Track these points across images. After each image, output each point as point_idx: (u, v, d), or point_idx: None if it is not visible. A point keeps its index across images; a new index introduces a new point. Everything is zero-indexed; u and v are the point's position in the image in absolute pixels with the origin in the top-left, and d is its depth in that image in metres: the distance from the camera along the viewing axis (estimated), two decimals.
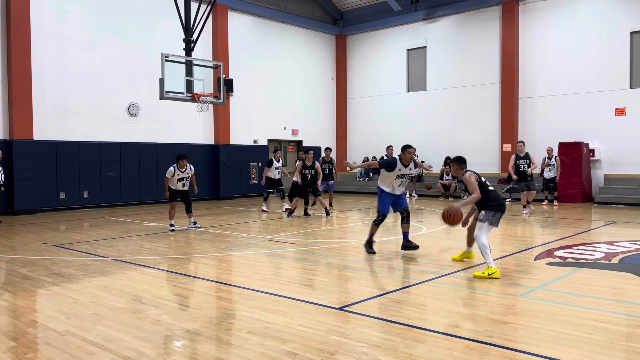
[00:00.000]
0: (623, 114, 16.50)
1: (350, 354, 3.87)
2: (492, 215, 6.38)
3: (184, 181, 10.64)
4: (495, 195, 6.48)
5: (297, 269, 7.02)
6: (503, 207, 6.46)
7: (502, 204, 6.47)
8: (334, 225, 11.82)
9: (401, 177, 7.83)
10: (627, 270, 6.72)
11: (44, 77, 14.64)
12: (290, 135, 21.80)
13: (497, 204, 6.40)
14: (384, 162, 7.87)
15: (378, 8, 22.03)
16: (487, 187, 6.49)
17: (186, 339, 4.31)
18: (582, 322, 4.55)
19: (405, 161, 7.78)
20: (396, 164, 7.73)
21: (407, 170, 7.84)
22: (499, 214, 6.41)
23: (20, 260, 7.70)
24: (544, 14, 18.03)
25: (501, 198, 6.56)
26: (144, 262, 7.57)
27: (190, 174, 10.71)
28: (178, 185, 10.59)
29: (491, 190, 6.51)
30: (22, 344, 4.22)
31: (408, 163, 7.80)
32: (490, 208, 6.39)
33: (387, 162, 7.82)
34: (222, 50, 18.55)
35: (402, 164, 7.77)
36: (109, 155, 15.90)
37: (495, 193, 6.52)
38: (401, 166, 7.76)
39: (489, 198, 6.42)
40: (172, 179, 10.50)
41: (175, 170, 10.47)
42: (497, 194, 6.55)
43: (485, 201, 6.42)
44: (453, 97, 20.11)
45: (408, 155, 7.77)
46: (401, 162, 7.77)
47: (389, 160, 7.83)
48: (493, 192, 6.52)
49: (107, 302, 5.38)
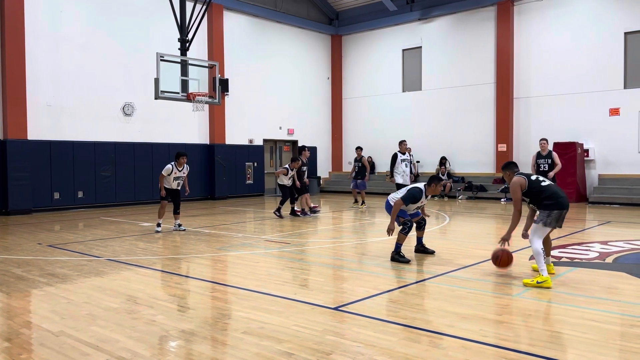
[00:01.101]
0: (617, 114, 16.58)
1: (345, 354, 3.87)
2: (546, 215, 5.85)
3: (180, 180, 10.56)
4: (550, 193, 5.87)
5: (293, 269, 7.02)
6: (560, 204, 5.82)
7: (560, 202, 5.83)
8: (329, 225, 11.82)
9: (420, 207, 7.63)
10: (621, 269, 6.75)
11: (38, 76, 14.57)
12: (286, 135, 21.79)
13: (552, 202, 5.83)
14: (408, 198, 7.29)
15: (373, 8, 22.05)
16: (538, 185, 5.95)
17: (181, 340, 4.30)
18: (576, 322, 4.56)
19: (430, 193, 7.37)
20: (420, 197, 7.32)
21: (427, 200, 7.58)
22: (556, 212, 5.83)
23: (14, 261, 7.66)
24: (539, 14, 18.10)
25: (559, 194, 5.88)
26: (139, 262, 7.55)
27: (186, 173, 10.66)
28: (173, 184, 10.50)
29: (545, 186, 5.94)
30: (16, 344, 4.20)
31: (434, 194, 7.45)
32: (545, 207, 5.87)
33: (412, 197, 7.29)
34: (218, 50, 18.52)
35: (425, 196, 7.38)
36: (103, 155, 15.84)
37: (551, 189, 5.91)
38: (424, 198, 7.40)
39: (542, 196, 5.88)
40: (169, 177, 10.37)
41: (173, 168, 10.36)
42: (554, 190, 5.91)
43: (538, 201, 5.91)
44: (448, 97, 20.15)
45: (439, 189, 7.35)
46: (425, 194, 7.37)
47: (414, 195, 7.29)
48: (548, 188, 5.93)
49: (102, 303, 5.37)
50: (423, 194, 7.32)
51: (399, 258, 7.24)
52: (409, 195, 7.27)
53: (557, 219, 5.88)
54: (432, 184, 7.27)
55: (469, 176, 19.35)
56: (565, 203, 5.90)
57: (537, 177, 6.09)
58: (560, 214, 5.87)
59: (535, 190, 5.94)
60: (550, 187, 5.96)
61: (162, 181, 10.41)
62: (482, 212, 14.32)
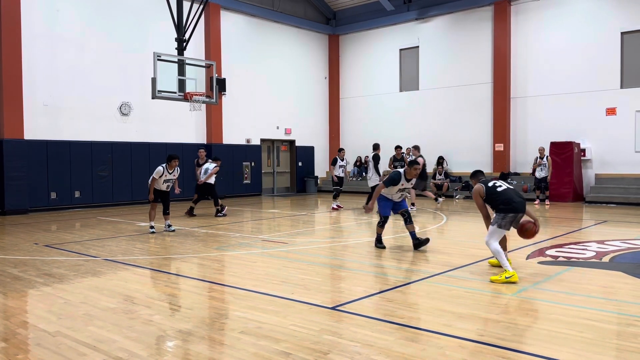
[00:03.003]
0: (614, 113, 16.62)
1: (343, 354, 3.87)
2: (501, 218, 6.16)
3: (170, 183, 10.41)
4: (505, 198, 6.19)
5: (290, 269, 7.02)
6: (515, 209, 6.12)
7: (514, 207, 6.12)
8: (327, 225, 11.82)
9: (402, 190, 8.03)
10: (617, 269, 6.77)
11: (34, 76, 14.53)
12: (284, 135, 21.78)
13: (506, 207, 6.14)
14: (388, 181, 7.90)
15: (371, 8, 22.05)
16: (495, 191, 6.30)
17: (178, 339, 4.30)
18: (573, 321, 4.57)
19: (409, 176, 7.91)
20: (399, 180, 7.84)
21: (409, 184, 8.02)
22: (511, 215, 6.14)
23: (10, 261, 7.64)
24: (535, 14, 18.13)
25: (514, 199, 6.16)
26: (136, 262, 7.54)
27: (176, 176, 10.55)
28: (163, 187, 10.34)
29: (500, 192, 6.26)
30: (12, 345, 4.19)
31: (412, 178, 7.92)
32: (500, 211, 6.20)
33: (391, 179, 7.86)
34: (215, 50, 18.50)
35: (405, 179, 7.90)
36: (100, 154, 15.80)
37: (505, 195, 6.22)
38: (404, 181, 7.90)
39: (498, 201, 6.23)
40: (159, 179, 10.25)
41: (164, 170, 10.22)
42: (509, 196, 6.21)
43: (495, 205, 6.27)
44: (445, 97, 20.17)
45: (414, 172, 7.88)
46: (405, 177, 7.89)
47: (393, 177, 7.86)
48: (503, 193, 6.25)
49: (99, 303, 5.36)
50: (402, 177, 7.86)
51: (377, 244, 8.24)
52: (389, 178, 7.90)
53: (511, 222, 6.19)
54: (411, 167, 7.92)
55: (466, 176, 19.34)
56: (520, 208, 6.18)
57: (494, 182, 6.45)
58: (514, 217, 6.18)
59: (492, 196, 6.31)
60: (505, 192, 6.28)
61: (153, 184, 10.26)
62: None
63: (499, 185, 6.38)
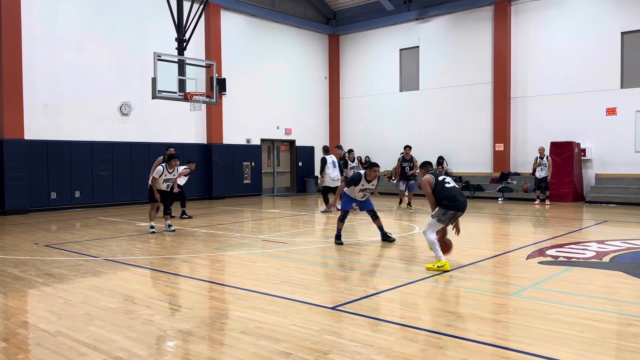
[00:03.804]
0: (614, 113, 16.62)
1: (343, 354, 3.87)
2: (442, 214, 6.59)
3: (169, 182, 10.43)
4: (450, 195, 6.58)
5: (290, 269, 7.02)
6: (456, 207, 6.54)
7: (456, 205, 6.53)
8: (327, 225, 11.82)
9: (363, 190, 8.59)
10: (618, 269, 6.77)
11: (35, 76, 14.54)
12: (284, 135, 21.78)
13: (449, 204, 6.55)
14: (349, 181, 8.61)
15: (371, 8, 22.05)
16: (442, 187, 6.69)
17: (179, 339, 4.30)
18: (573, 321, 4.57)
19: (369, 177, 8.49)
20: (360, 180, 8.44)
21: (370, 185, 8.57)
22: (451, 212, 6.56)
23: (11, 261, 7.64)
24: (536, 14, 18.13)
25: (457, 198, 6.58)
26: (136, 262, 7.54)
27: (176, 175, 10.56)
28: (162, 186, 10.36)
29: (448, 188, 6.66)
30: (13, 344, 4.19)
31: (372, 179, 8.50)
32: (443, 206, 6.59)
33: (352, 180, 8.54)
34: (215, 50, 18.50)
35: (366, 180, 8.49)
36: (100, 154, 15.81)
37: (451, 192, 6.61)
38: (364, 182, 8.48)
39: (442, 196, 6.62)
40: (159, 179, 10.26)
41: (164, 170, 10.24)
42: (454, 193, 6.60)
43: (439, 199, 6.66)
44: (445, 97, 20.17)
45: (373, 173, 8.46)
46: (365, 178, 8.48)
47: (354, 178, 8.53)
48: (449, 190, 6.64)
49: (99, 303, 5.36)
50: (362, 178, 8.44)
51: (336, 241, 8.59)
52: (350, 179, 8.59)
53: (450, 218, 6.65)
54: (371, 169, 8.48)
55: (467, 176, 19.37)
56: (462, 206, 6.60)
57: (443, 178, 6.83)
58: (454, 214, 6.64)
59: (439, 191, 6.69)
60: (451, 189, 6.68)
61: (155, 184, 10.27)
62: (480, 211, 14.34)
63: (448, 182, 6.76)
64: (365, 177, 8.47)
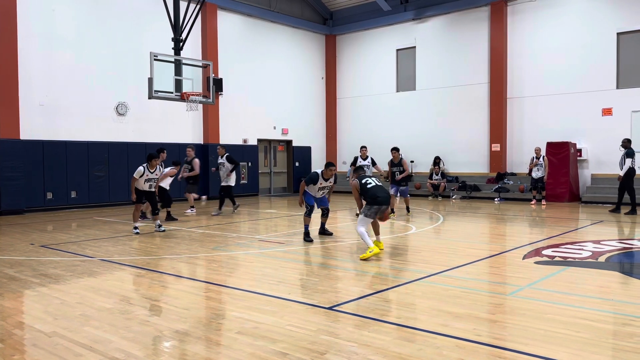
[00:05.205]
0: (610, 114, 16.68)
1: (340, 354, 3.87)
2: (368, 209, 7.66)
3: (152, 182, 10.28)
4: (371, 193, 7.67)
5: (287, 269, 7.01)
6: (378, 202, 7.58)
7: (377, 201, 7.57)
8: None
9: (322, 188, 9.20)
10: (613, 268, 6.79)
11: (31, 75, 14.48)
12: (280, 135, 21.77)
13: (371, 200, 7.63)
14: (308, 180, 9.11)
15: (368, 8, 22.07)
16: (365, 187, 7.82)
17: (175, 340, 4.29)
18: (569, 320, 4.58)
19: (326, 176, 9.07)
20: (317, 179, 9.01)
21: (328, 183, 9.16)
22: (375, 207, 7.60)
23: (6, 261, 7.61)
24: (532, 14, 18.17)
25: (378, 195, 7.61)
26: (133, 262, 7.52)
27: (159, 175, 10.43)
28: (145, 186, 10.21)
29: (368, 188, 7.77)
30: (9, 345, 4.17)
31: (329, 178, 9.09)
32: (367, 203, 7.72)
33: (310, 179, 9.08)
34: (212, 50, 18.48)
35: (323, 178, 9.06)
36: (96, 155, 15.76)
37: (372, 191, 7.69)
38: (322, 180, 9.07)
39: (366, 195, 7.76)
40: (140, 179, 10.10)
41: (145, 170, 10.07)
42: (374, 192, 7.67)
43: (365, 198, 7.78)
44: (442, 97, 20.19)
45: (329, 172, 9.04)
46: (322, 177, 9.05)
47: (311, 177, 9.07)
48: (370, 189, 7.73)
49: (95, 303, 5.34)
50: (320, 177, 9.00)
51: (305, 238, 9.10)
52: (308, 177, 9.12)
53: (375, 212, 7.67)
54: (327, 168, 9.05)
55: (463, 176, 19.41)
56: (383, 202, 7.65)
57: (366, 180, 7.92)
58: (378, 209, 7.66)
59: (363, 191, 7.86)
60: (372, 188, 7.77)
61: (134, 184, 10.09)
62: (476, 211, 14.36)
63: (370, 183, 7.86)
64: (322, 175, 9.04)
